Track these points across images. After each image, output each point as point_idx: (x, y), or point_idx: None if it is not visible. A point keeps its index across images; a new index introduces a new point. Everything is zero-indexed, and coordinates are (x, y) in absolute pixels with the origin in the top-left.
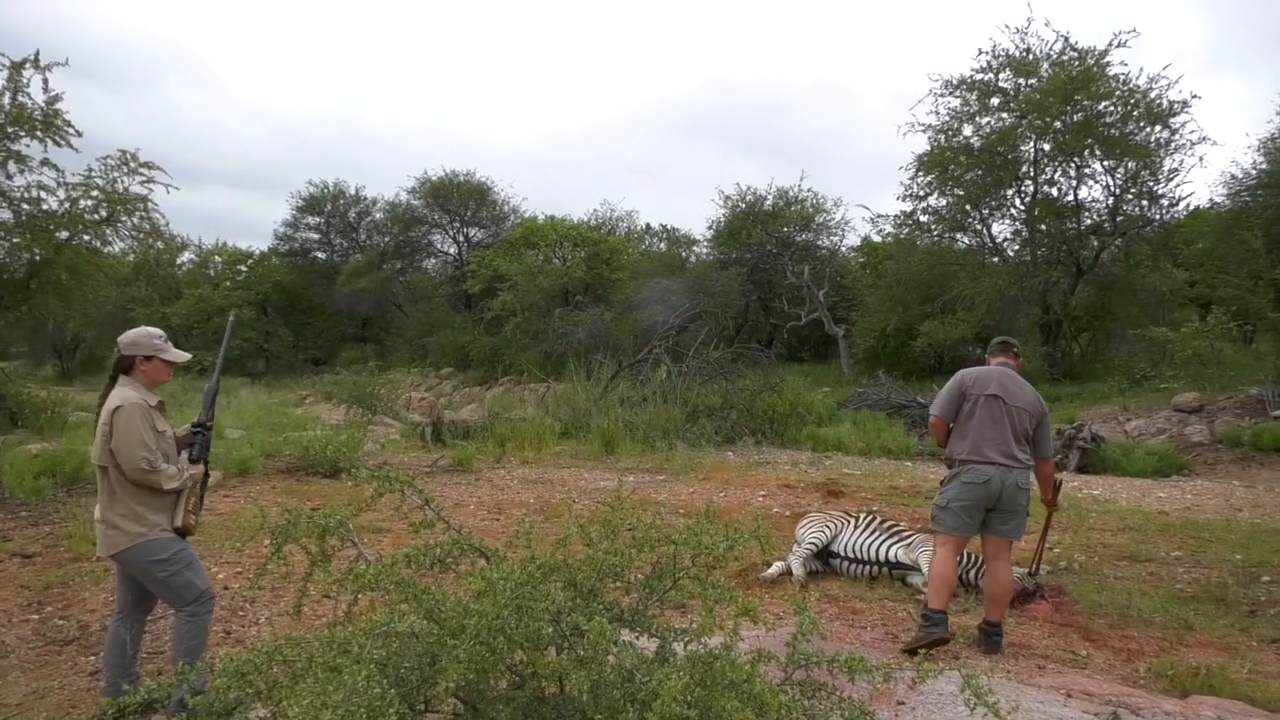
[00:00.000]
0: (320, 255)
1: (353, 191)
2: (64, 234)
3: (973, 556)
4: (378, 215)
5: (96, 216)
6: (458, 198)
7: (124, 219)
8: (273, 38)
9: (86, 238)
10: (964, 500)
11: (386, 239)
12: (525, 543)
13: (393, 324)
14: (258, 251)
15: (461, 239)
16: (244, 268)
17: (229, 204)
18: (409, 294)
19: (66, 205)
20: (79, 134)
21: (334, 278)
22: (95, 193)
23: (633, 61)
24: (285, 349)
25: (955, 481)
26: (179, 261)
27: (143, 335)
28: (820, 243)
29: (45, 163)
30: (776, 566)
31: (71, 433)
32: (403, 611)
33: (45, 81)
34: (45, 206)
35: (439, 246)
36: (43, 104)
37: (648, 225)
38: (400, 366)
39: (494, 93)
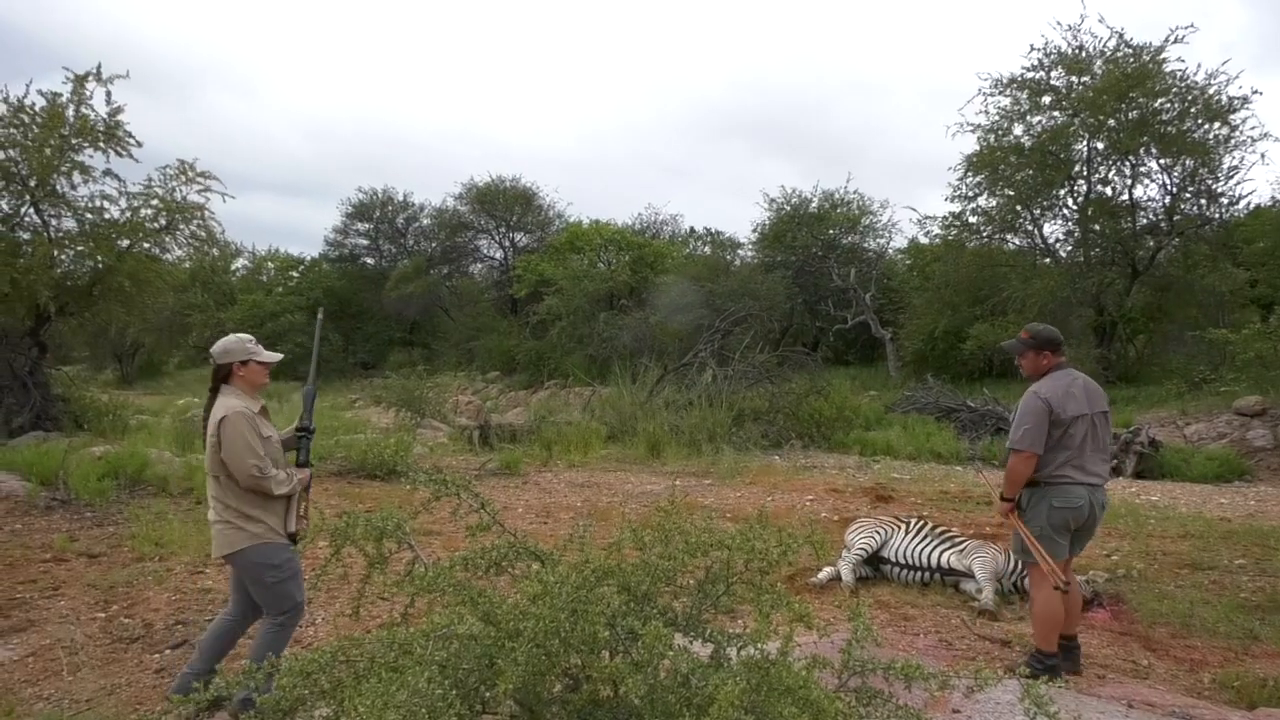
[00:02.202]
0: (369, 261)
1: (401, 198)
2: (125, 242)
3: (1017, 563)
4: (425, 221)
5: (156, 225)
6: (503, 203)
7: (182, 227)
8: (311, 45)
9: (146, 245)
10: (1059, 526)
11: (434, 244)
12: (579, 546)
13: (440, 328)
14: (308, 258)
15: (507, 244)
16: (295, 274)
17: (274, 211)
18: (455, 299)
19: (128, 214)
20: (139, 144)
21: (382, 283)
22: (155, 201)
23: (664, 62)
24: (335, 353)
25: (1043, 505)
26: (233, 268)
27: (234, 342)
28: (866, 245)
29: (107, 173)
30: (826, 572)
31: (133, 435)
32: (461, 614)
33: (108, 94)
34: (107, 215)
35: (485, 252)
36: (105, 116)
37: (691, 229)
38: (447, 370)
39: (530, 97)
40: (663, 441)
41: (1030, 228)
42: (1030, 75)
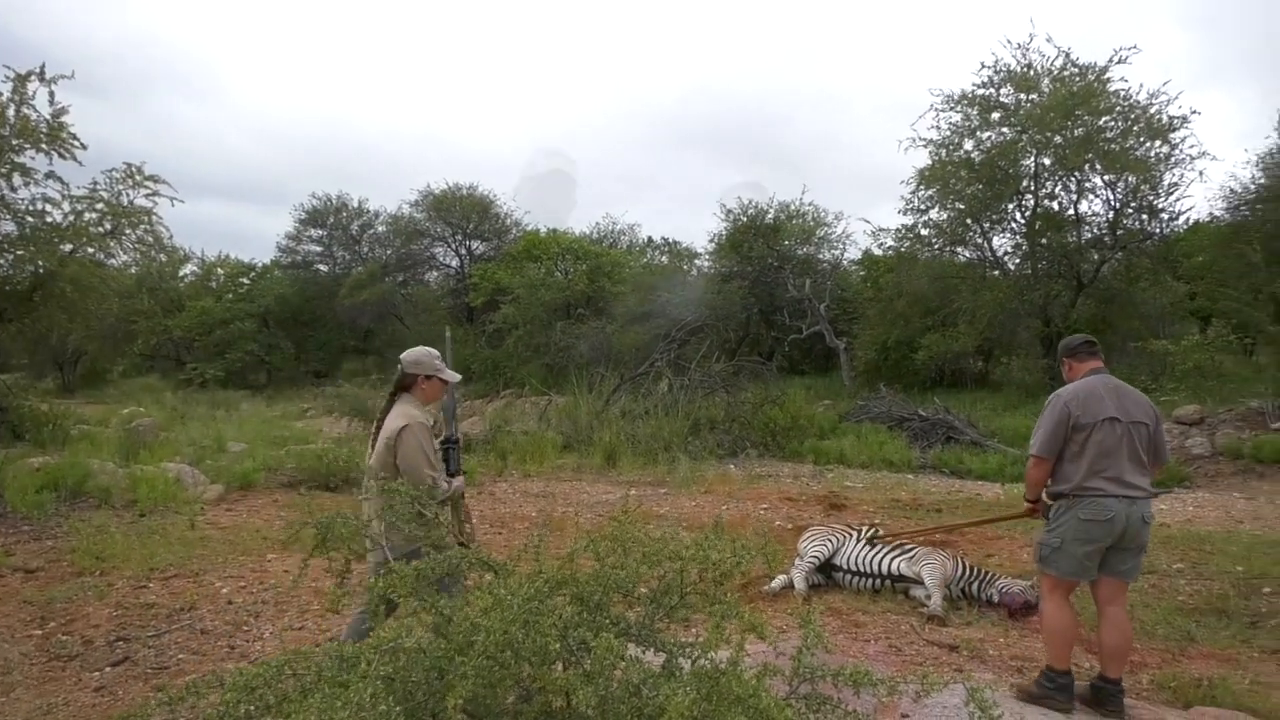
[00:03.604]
0: (322, 268)
1: (355, 204)
2: (68, 246)
3: (974, 569)
4: (380, 228)
5: (101, 229)
6: (460, 211)
7: (128, 231)
8: (264, 47)
9: (90, 250)
10: (1083, 540)
11: (389, 252)
12: (533, 556)
13: (395, 337)
14: (260, 264)
15: (463, 252)
16: (246, 280)
17: (225, 216)
18: (411, 307)
19: (71, 218)
20: (84, 147)
21: (336, 290)
22: (100, 205)
23: (621, 72)
24: (287, 362)
25: (1069, 516)
26: (181, 274)
27: (425, 355)
28: (821, 256)
29: (50, 175)
30: (779, 580)
31: (74, 446)
32: (410, 627)
33: (51, 94)
34: (50, 219)
35: (441, 259)
36: (48, 116)
37: (649, 238)
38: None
39: (488, 104)
40: (619, 451)
41: (980, 241)
42: (980, 92)
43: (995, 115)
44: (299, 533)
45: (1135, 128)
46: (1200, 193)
